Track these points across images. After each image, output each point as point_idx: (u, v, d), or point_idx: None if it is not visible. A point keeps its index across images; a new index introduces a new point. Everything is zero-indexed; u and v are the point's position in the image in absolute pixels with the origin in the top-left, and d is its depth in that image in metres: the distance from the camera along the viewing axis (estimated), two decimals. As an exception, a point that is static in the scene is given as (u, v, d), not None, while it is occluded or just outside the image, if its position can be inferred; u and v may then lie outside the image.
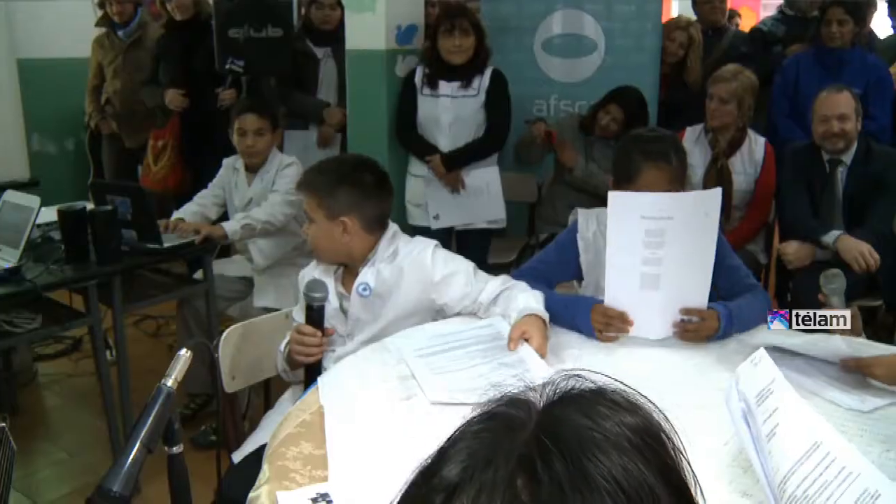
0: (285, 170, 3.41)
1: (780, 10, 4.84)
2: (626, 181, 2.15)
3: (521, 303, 2.02)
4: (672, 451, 0.64)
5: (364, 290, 2.13)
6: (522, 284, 2.12)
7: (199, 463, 2.60)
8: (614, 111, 3.85)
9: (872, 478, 1.11)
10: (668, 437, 0.64)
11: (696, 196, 2.09)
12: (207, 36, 4.39)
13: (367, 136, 3.99)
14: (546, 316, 2.00)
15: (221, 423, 2.24)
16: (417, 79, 3.75)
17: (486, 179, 3.79)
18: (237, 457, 2.13)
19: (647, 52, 4.39)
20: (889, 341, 2.18)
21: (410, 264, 2.14)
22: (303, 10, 4.89)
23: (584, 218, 2.33)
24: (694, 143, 3.67)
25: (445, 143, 3.72)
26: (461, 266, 2.18)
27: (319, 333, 2.00)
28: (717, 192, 2.08)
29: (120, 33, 4.82)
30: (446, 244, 3.83)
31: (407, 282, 2.13)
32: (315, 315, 2.01)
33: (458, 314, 2.17)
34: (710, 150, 3.63)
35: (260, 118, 3.37)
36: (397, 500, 0.62)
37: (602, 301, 2.09)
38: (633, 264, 2.05)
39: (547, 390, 0.65)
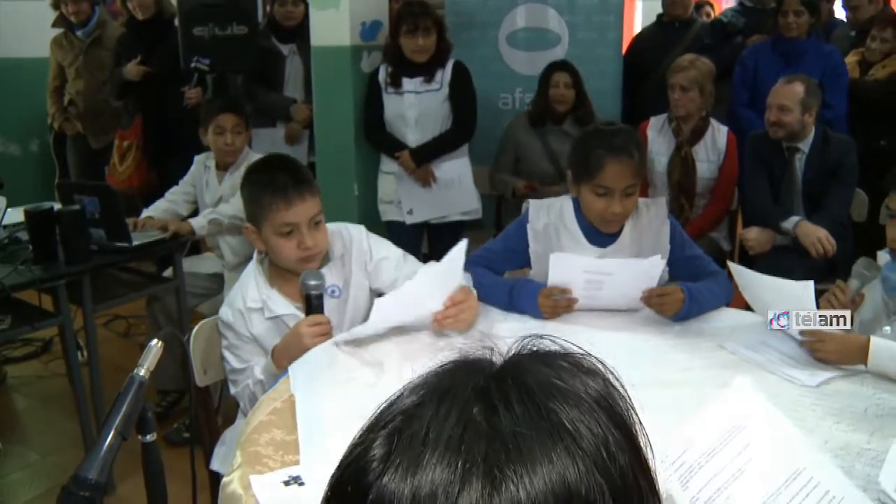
0: None
1: (740, 2, 4.92)
2: (587, 175, 2.19)
3: None
4: (631, 421, 0.64)
5: (334, 291, 2.11)
6: None
7: (174, 460, 2.62)
8: (560, 78, 3.91)
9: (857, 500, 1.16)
10: (629, 407, 0.65)
11: (638, 263, 2.13)
12: (170, 35, 4.39)
13: (334, 132, 4.01)
14: (475, 292, 2.06)
15: (193, 417, 2.24)
16: (381, 77, 3.77)
17: (457, 172, 3.83)
18: (215, 464, 2.12)
19: (609, 45, 4.45)
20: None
21: (356, 253, 2.15)
22: (268, 7, 4.89)
23: (535, 209, 2.35)
24: (658, 133, 3.74)
25: (413, 139, 3.75)
26: (392, 251, 2.20)
27: (328, 319, 1.98)
28: (659, 262, 2.12)
29: (79, 33, 4.79)
30: (420, 238, 3.89)
31: (356, 271, 2.15)
32: (316, 303, 1.97)
33: None
34: (674, 138, 3.70)
35: (237, 116, 3.42)
36: (365, 426, 0.63)
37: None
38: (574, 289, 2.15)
39: (512, 349, 0.67)
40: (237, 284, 2.16)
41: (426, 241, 3.99)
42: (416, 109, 3.73)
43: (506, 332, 2.04)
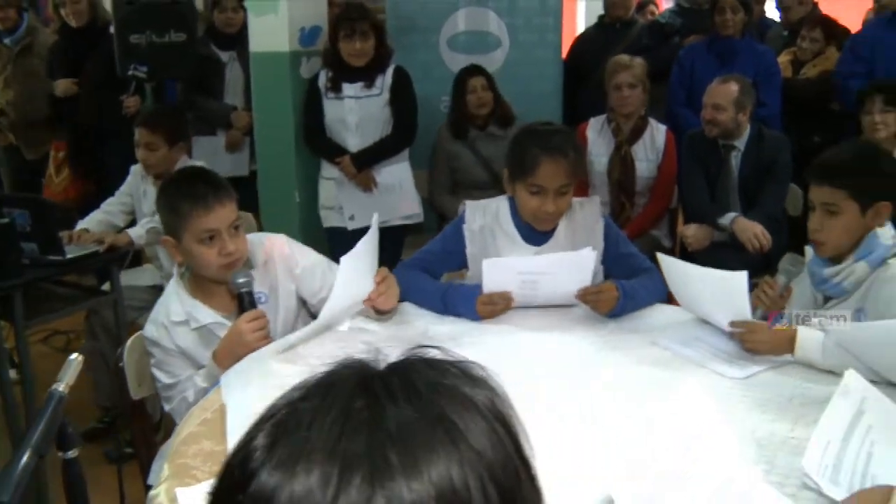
0: None
1: (677, 3, 5.00)
2: (522, 174, 2.20)
3: None
4: (517, 428, 0.64)
5: (261, 298, 2.10)
6: None
7: (113, 476, 2.56)
8: (477, 83, 3.92)
9: None
10: (515, 415, 0.65)
11: (570, 256, 2.16)
12: (105, 42, 4.30)
13: (274, 139, 3.98)
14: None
15: (118, 433, 2.20)
16: (321, 82, 3.75)
17: (397, 176, 3.82)
18: (152, 478, 2.08)
19: (549, 47, 4.49)
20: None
21: (279, 259, 2.15)
22: (207, 14, 4.84)
23: (471, 210, 2.36)
24: (597, 133, 3.78)
25: (354, 144, 3.73)
26: (317, 258, 2.21)
27: (265, 313, 1.99)
28: (590, 253, 2.14)
29: (7, 41, 4.67)
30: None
31: (282, 277, 2.14)
32: (249, 300, 1.99)
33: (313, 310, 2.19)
34: (614, 138, 3.74)
35: (151, 133, 3.31)
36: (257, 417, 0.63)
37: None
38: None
39: (400, 356, 0.67)
40: (160, 300, 2.15)
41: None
42: (357, 114, 3.71)
43: (442, 334, 2.04)
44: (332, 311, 1.95)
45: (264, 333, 1.96)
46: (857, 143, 2.38)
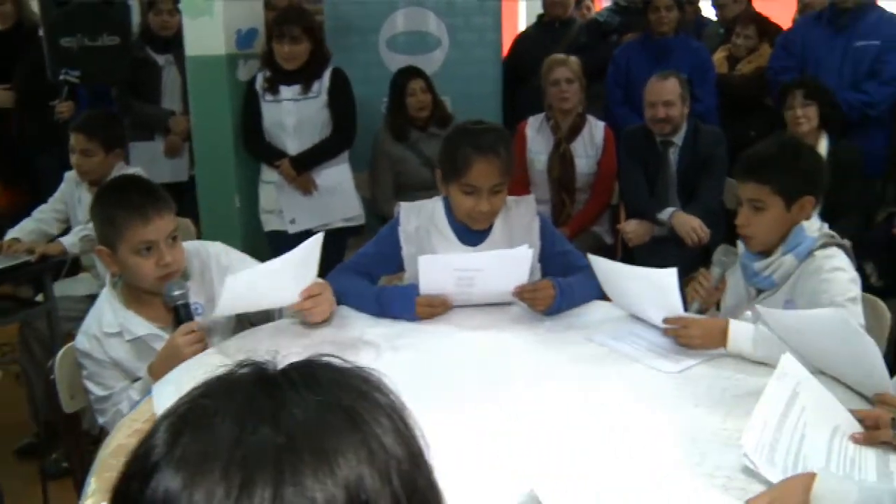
0: None
1: (615, 1, 5.06)
2: (455, 174, 2.19)
3: None
4: (417, 435, 0.63)
5: (196, 308, 2.06)
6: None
7: (51, 492, 2.50)
8: (416, 85, 3.93)
9: None
10: (415, 422, 0.64)
11: (506, 254, 2.16)
12: (33, 46, 4.19)
13: (213, 144, 3.92)
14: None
15: (53, 444, 2.14)
16: (258, 84, 3.71)
17: (337, 179, 3.79)
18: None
19: (489, 47, 4.50)
20: (716, 308, 2.33)
21: (216, 268, 2.12)
22: (142, 17, 4.74)
23: (405, 212, 2.35)
24: (537, 132, 3.81)
25: (293, 147, 3.70)
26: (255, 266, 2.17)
27: (199, 326, 1.96)
28: (526, 251, 2.14)
29: None
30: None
31: (219, 290, 2.09)
32: (185, 312, 1.96)
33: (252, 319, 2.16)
34: (553, 136, 3.77)
35: (88, 139, 3.24)
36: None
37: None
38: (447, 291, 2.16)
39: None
40: (91, 310, 2.10)
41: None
42: (295, 117, 3.68)
43: (378, 336, 2.03)
44: (237, 288, 1.88)
45: (201, 346, 1.93)
46: (780, 139, 2.42)
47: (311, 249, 1.96)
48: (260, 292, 1.94)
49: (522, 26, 7.30)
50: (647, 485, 1.30)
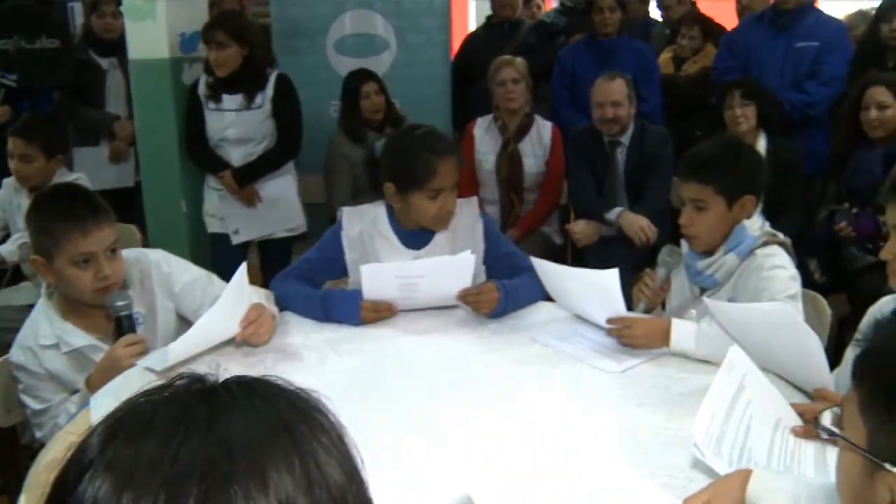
0: None
1: (562, 2, 5.09)
2: (418, 183, 2.15)
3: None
4: (354, 454, 0.63)
5: (138, 318, 2.02)
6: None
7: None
8: (370, 88, 3.92)
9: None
10: (351, 441, 0.64)
11: (448, 260, 2.15)
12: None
13: (158, 148, 3.85)
14: (274, 311, 2.03)
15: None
16: (201, 91, 3.62)
17: (281, 190, 3.70)
18: None
19: (438, 48, 4.51)
20: (662, 307, 2.35)
21: (156, 277, 2.08)
22: (85, 19, 4.65)
23: (348, 217, 2.32)
24: (485, 132, 3.81)
25: (237, 157, 3.60)
26: (196, 273, 2.14)
27: (143, 338, 1.91)
28: (469, 257, 2.13)
29: None
30: (244, 251, 3.76)
31: (160, 295, 2.08)
32: (127, 323, 1.91)
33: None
34: (501, 136, 3.77)
35: (27, 144, 3.15)
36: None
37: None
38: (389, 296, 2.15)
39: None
40: (27, 322, 2.05)
41: (257, 254, 3.88)
42: (238, 128, 3.57)
43: (321, 342, 2.01)
44: (181, 348, 1.83)
45: (142, 358, 1.88)
46: (721, 139, 2.46)
47: (239, 282, 1.89)
48: (205, 339, 1.89)
49: (473, 26, 7.31)
50: (590, 484, 1.31)
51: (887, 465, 0.77)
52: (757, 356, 1.71)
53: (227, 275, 1.92)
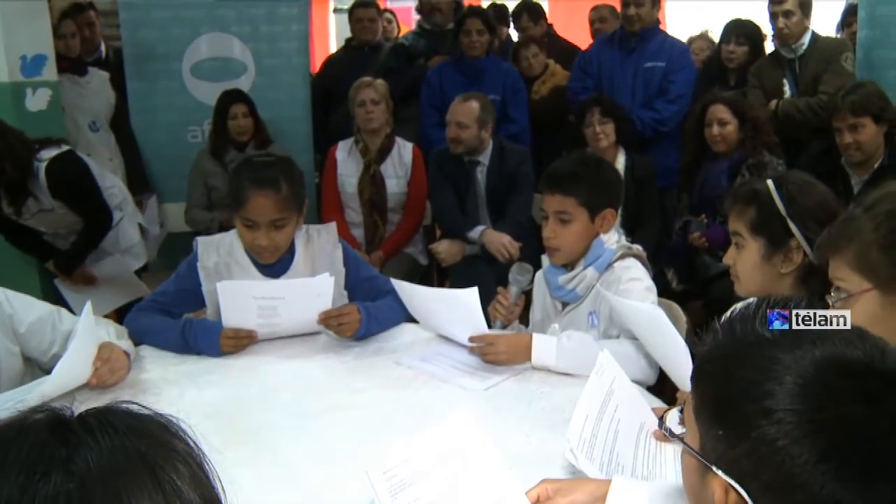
0: None
1: (419, 25, 5.11)
2: (236, 207, 2.14)
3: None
4: (213, 481, 0.64)
5: None
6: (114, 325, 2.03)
7: None
8: (239, 109, 3.90)
9: None
10: (211, 467, 0.64)
11: (306, 282, 2.13)
12: None
13: (-1, 179, 3.61)
14: (127, 348, 1.93)
15: None
16: None
17: (113, 268, 3.53)
18: None
19: (297, 71, 4.46)
20: (525, 323, 2.37)
21: None
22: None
23: (203, 247, 2.25)
24: (347, 155, 3.79)
25: (60, 244, 3.41)
26: (42, 309, 1.98)
27: None
28: (328, 279, 2.10)
29: None
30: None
31: (2, 342, 1.92)
32: None
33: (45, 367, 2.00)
34: (362, 158, 3.75)
35: None
36: None
37: None
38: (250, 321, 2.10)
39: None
40: None
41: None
42: (46, 225, 3.32)
43: (181, 375, 1.93)
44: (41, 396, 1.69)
45: None
46: (582, 154, 2.53)
47: (86, 326, 1.80)
48: (62, 382, 1.77)
49: (334, 48, 7.28)
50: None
51: (713, 468, 0.79)
52: (653, 352, 1.82)
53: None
